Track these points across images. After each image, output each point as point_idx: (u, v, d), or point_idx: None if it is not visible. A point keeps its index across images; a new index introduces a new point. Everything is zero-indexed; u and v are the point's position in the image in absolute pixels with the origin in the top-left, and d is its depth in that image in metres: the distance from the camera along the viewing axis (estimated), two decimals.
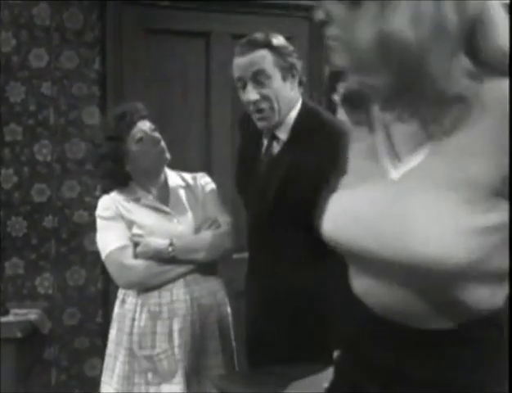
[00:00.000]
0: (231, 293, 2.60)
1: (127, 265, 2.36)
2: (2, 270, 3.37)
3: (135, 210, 2.44)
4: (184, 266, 2.40)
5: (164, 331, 2.36)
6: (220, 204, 2.54)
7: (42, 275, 3.42)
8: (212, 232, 2.45)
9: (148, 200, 2.47)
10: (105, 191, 2.57)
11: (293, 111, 2.26)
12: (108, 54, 3.45)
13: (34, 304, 3.38)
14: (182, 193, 2.53)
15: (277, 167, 2.24)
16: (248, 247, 2.42)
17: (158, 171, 2.51)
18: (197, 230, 2.46)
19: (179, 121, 3.63)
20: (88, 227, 3.35)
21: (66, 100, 3.43)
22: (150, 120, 2.48)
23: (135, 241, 2.39)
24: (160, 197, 2.50)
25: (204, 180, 2.60)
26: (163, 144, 2.46)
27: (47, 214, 3.43)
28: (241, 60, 2.20)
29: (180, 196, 2.52)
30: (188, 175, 2.60)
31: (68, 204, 3.45)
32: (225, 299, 2.53)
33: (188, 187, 2.55)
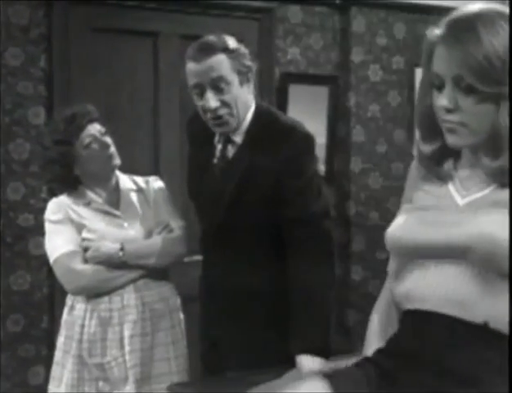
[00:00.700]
0: (182, 297, 2.56)
1: (75, 270, 2.32)
2: None
3: (85, 214, 2.40)
4: (134, 271, 2.37)
5: (115, 337, 2.33)
6: (173, 208, 2.51)
7: None
8: (164, 236, 2.42)
9: (98, 204, 2.43)
10: (52, 193, 2.52)
11: (248, 114, 2.24)
12: (54, 52, 3.37)
13: None
14: (134, 197, 2.49)
15: (233, 170, 2.22)
16: (202, 251, 2.39)
17: (108, 175, 2.46)
18: (149, 234, 2.43)
19: (127, 122, 3.58)
20: (33, 230, 3.27)
21: (11, 98, 3.32)
22: (100, 123, 2.43)
23: (85, 245, 2.34)
24: (111, 201, 2.45)
25: (157, 184, 2.55)
26: (113, 149, 2.42)
27: None
28: (197, 66, 2.13)
29: (132, 200, 2.48)
30: (140, 179, 2.56)
31: (12, 206, 3.35)
32: (177, 304, 2.50)
33: (140, 191, 2.51)
